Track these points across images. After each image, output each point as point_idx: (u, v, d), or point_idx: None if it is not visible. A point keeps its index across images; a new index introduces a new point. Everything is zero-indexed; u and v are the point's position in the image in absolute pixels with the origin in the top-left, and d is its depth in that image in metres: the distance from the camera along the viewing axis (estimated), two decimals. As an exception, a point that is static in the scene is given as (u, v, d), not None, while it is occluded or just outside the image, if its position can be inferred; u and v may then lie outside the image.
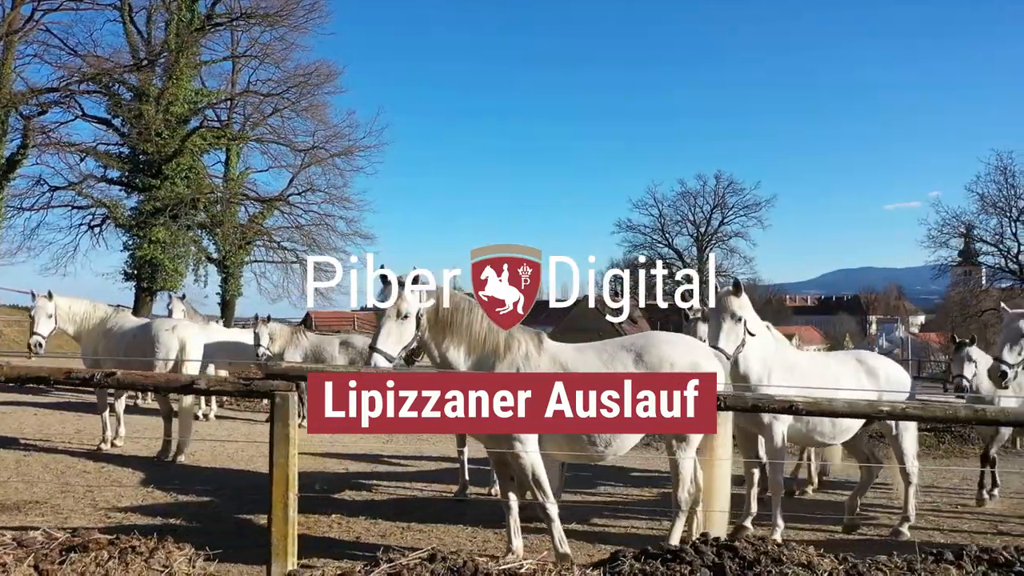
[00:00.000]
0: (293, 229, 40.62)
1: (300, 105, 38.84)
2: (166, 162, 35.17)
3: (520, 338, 6.04)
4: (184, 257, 37.14)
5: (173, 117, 35.22)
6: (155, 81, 35.54)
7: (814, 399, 5.20)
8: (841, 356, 8.21)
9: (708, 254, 75.37)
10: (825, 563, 3.84)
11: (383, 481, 9.46)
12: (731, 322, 6.76)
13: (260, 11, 36.88)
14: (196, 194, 35.57)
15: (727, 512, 6.25)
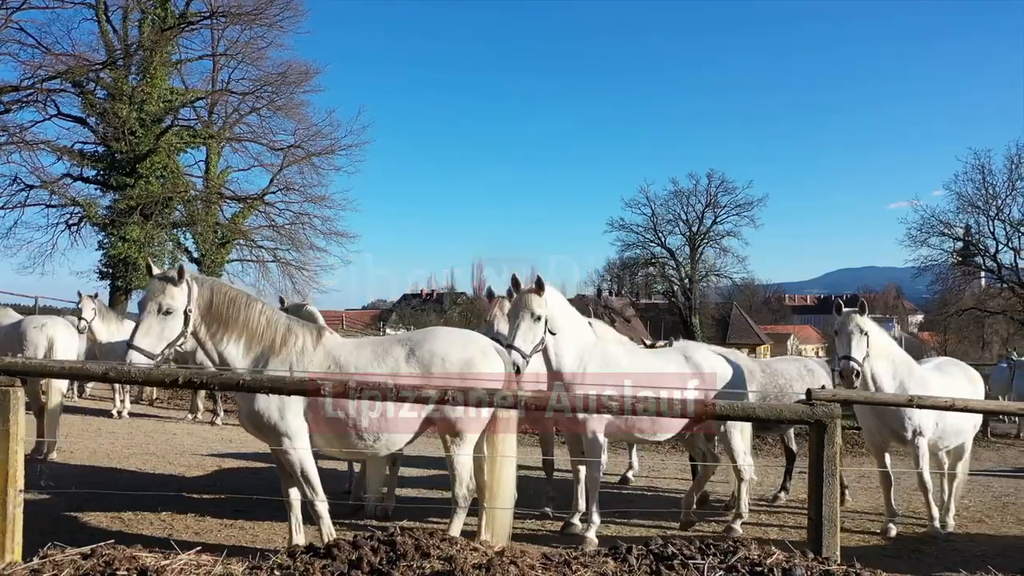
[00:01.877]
0: (271, 228, 40.87)
1: (276, 104, 39.06)
2: (140, 161, 35.23)
3: (298, 332, 6.03)
4: (159, 256, 37.33)
5: (147, 116, 35.31)
6: (130, 80, 35.68)
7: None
8: (668, 352, 8.17)
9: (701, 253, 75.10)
10: (474, 556, 3.82)
11: (249, 481, 9.48)
12: (530, 321, 6.69)
13: (234, 10, 37.03)
14: (169, 193, 35.70)
15: (511, 510, 6.24)
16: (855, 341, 7.55)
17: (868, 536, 8.21)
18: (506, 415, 6.06)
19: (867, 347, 7.60)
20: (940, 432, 8.09)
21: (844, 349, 7.58)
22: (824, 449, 4.97)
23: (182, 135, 37.57)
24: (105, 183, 36.38)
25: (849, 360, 7.50)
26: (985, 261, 41.33)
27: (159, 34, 35.50)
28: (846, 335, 7.58)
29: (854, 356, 7.51)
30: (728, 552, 4.09)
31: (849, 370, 7.48)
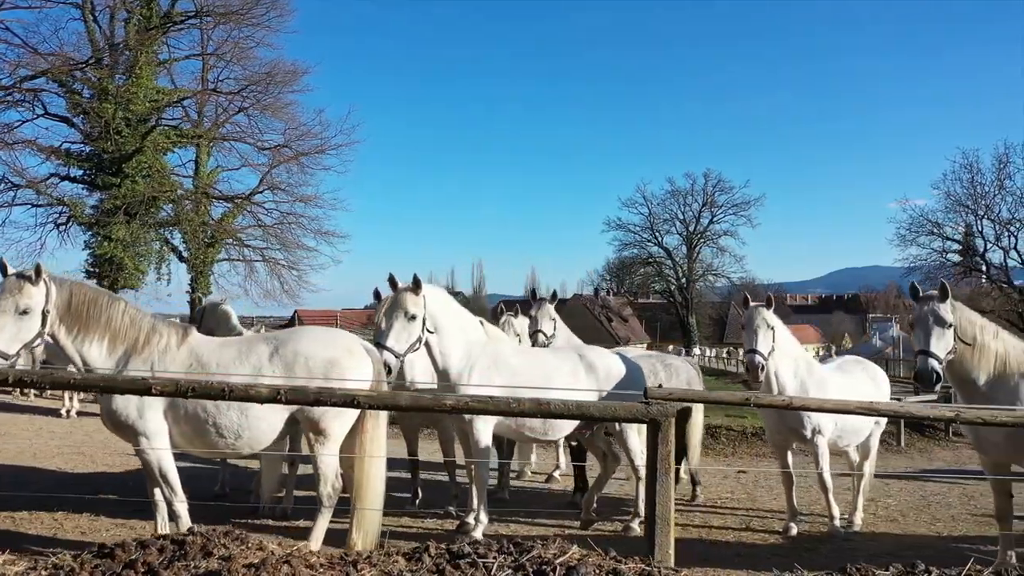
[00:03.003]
0: (260, 228, 40.96)
1: (263, 104, 39.14)
2: (126, 160, 35.36)
3: (163, 332, 6.03)
4: (146, 256, 37.48)
5: (133, 115, 35.41)
6: (116, 79, 35.79)
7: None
8: (563, 352, 8.15)
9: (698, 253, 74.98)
10: (252, 555, 3.82)
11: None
12: (404, 320, 6.65)
13: (220, 9, 37.14)
14: (154, 192, 35.81)
15: (380, 510, 6.24)
16: (761, 335, 7.51)
17: (770, 535, 8.19)
18: (374, 415, 6.06)
19: (773, 342, 7.58)
20: (840, 431, 8.06)
21: (750, 343, 7.54)
22: (659, 448, 4.97)
23: (169, 135, 37.70)
24: (91, 183, 36.50)
25: (755, 353, 7.46)
26: (974, 260, 41.12)
27: (144, 33, 35.61)
28: (753, 329, 7.54)
29: (759, 350, 7.47)
30: (524, 551, 4.09)
31: (755, 364, 7.44)
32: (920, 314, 6.33)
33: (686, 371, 9.42)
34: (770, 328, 7.58)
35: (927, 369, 6.10)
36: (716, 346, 76.55)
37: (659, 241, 74.77)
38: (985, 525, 8.92)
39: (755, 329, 7.52)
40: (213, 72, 39.72)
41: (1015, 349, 6.48)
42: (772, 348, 7.57)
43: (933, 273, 41.16)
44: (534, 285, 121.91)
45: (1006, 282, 40.33)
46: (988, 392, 6.34)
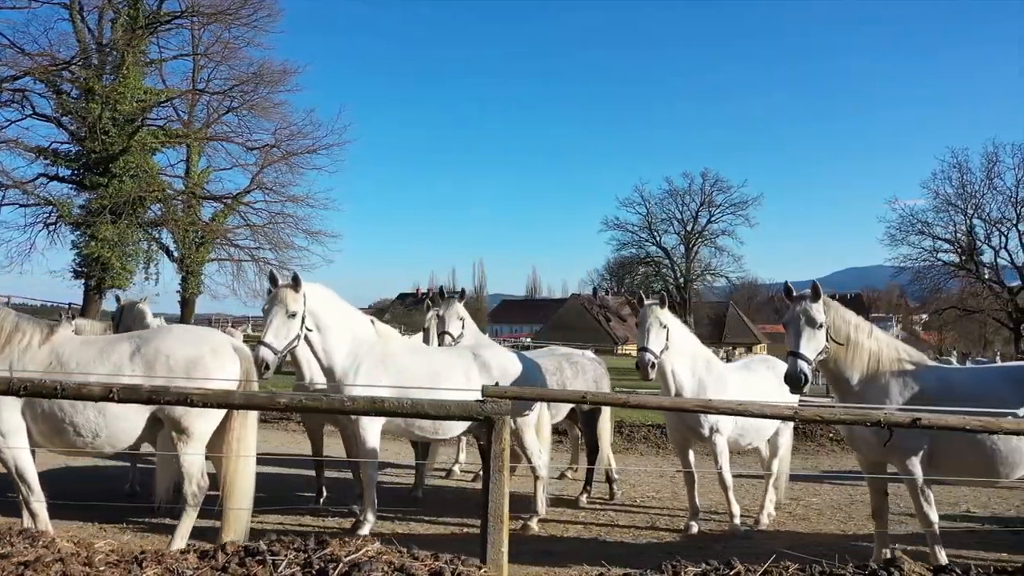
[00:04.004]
0: (250, 228, 41.10)
1: (250, 104, 39.29)
2: (113, 160, 35.53)
3: (26, 330, 6.05)
4: (134, 255, 37.63)
5: (120, 115, 35.53)
6: (104, 79, 35.91)
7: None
8: (457, 351, 8.14)
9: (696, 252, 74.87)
10: (30, 552, 3.85)
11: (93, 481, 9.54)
12: (283, 317, 6.64)
13: (207, 9, 37.25)
14: (140, 192, 35.94)
15: (250, 509, 6.25)
16: (653, 334, 7.50)
17: (670, 533, 8.18)
18: (242, 415, 6.08)
19: (666, 340, 7.57)
20: (740, 430, 8.04)
21: (641, 341, 7.54)
22: (492, 446, 4.96)
23: (157, 135, 37.85)
24: (79, 183, 36.66)
25: (646, 352, 7.46)
26: (963, 259, 40.97)
27: (131, 33, 35.75)
28: (645, 328, 7.53)
29: (651, 348, 7.45)
30: (318, 549, 4.10)
31: (644, 362, 7.42)
32: (792, 315, 6.30)
33: (593, 369, 9.40)
34: (663, 327, 7.57)
35: (795, 371, 6.06)
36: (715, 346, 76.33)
37: (657, 241, 74.72)
38: (898, 524, 8.89)
39: (647, 327, 7.51)
40: (203, 72, 39.99)
41: (889, 348, 6.46)
42: (665, 346, 7.56)
43: (923, 273, 41.10)
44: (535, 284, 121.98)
45: (996, 281, 40.14)
46: (860, 391, 6.33)
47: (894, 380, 6.32)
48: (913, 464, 6.21)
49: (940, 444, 6.21)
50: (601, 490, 9.81)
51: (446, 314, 9.19)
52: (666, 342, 7.57)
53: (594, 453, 9.39)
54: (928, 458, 6.30)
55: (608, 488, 9.77)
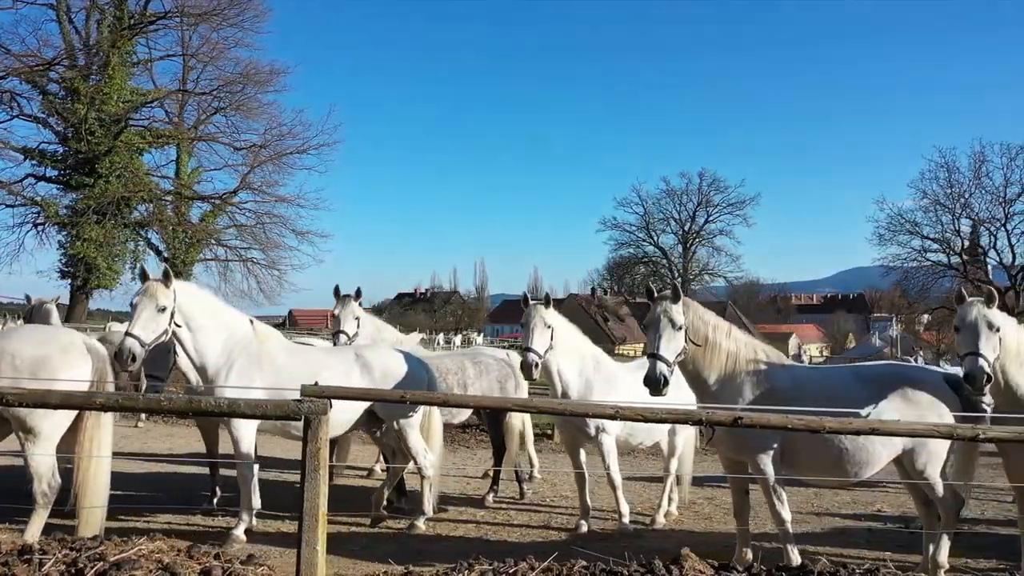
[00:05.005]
0: (237, 228, 41.28)
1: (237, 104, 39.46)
2: (99, 160, 35.73)
3: None
4: (121, 255, 37.81)
5: (106, 116, 35.68)
6: (91, 79, 36.08)
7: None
8: (339, 351, 8.15)
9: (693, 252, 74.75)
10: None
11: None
12: (153, 311, 6.56)
13: (193, 9, 37.41)
14: (125, 192, 36.12)
15: (104, 507, 6.28)
16: (537, 334, 7.47)
17: (557, 532, 8.18)
18: (94, 415, 6.10)
19: (551, 340, 7.55)
20: (630, 429, 8.03)
21: (525, 341, 7.53)
22: (308, 445, 4.98)
23: (144, 135, 38.03)
24: (66, 183, 36.87)
25: (529, 351, 7.43)
26: (950, 258, 40.79)
27: (116, 34, 35.94)
28: (529, 328, 7.52)
29: (534, 348, 7.42)
30: (88, 548, 4.12)
31: (528, 362, 7.40)
32: (652, 316, 6.27)
33: (498, 369, 9.38)
34: (548, 327, 7.56)
35: (654, 374, 6.00)
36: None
37: (655, 241, 74.72)
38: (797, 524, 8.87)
39: (531, 327, 7.50)
40: (192, 73, 40.18)
41: (746, 348, 6.45)
42: (550, 346, 7.55)
43: (912, 273, 40.92)
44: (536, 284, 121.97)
45: (985, 281, 39.91)
46: (717, 391, 6.32)
47: (748, 380, 6.32)
48: (764, 463, 6.21)
49: (792, 444, 6.21)
50: (513, 489, 9.83)
51: (341, 313, 9.19)
52: (551, 342, 7.55)
53: (500, 453, 9.38)
54: (781, 457, 6.30)
55: (519, 488, 9.76)
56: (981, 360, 5.77)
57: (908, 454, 6.21)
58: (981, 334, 5.85)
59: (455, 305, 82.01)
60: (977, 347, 5.82)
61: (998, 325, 5.93)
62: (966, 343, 5.92)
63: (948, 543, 6.36)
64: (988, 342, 5.85)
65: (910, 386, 6.28)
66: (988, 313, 5.95)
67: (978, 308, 5.97)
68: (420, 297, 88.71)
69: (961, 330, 6.00)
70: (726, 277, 76.06)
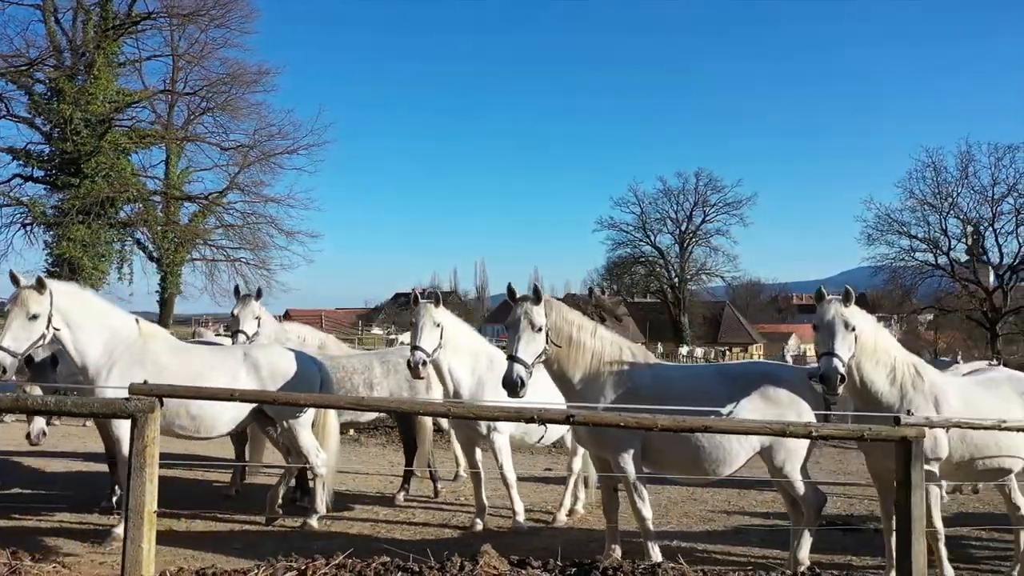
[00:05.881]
0: (225, 228, 41.41)
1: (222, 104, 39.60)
2: (85, 160, 35.85)
3: None
4: (107, 256, 37.94)
5: (92, 116, 35.79)
6: (77, 80, 36.21)
7: None
8: (226, 350, 8.16)
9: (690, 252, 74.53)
10: None
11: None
12: (23, 320, 6.50)
13: (176, 10, 37.54)
14: (111, 192, 36.24)
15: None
16: (426, 332, 7.47)
17: (453, 530, 8.19)
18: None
19: (440, 338, 7.56)
20: (525, 428, 8.04)
21: (414, 339, 7.53)
22: (135, 443, 5.02)
23: (131, 135, 38.16)
24: (52, 183, 37.03)
25: (416, 350, 7.43)
26: (937, 258, 40.63)
27: (101, 35, 36.09)
28: (417, 327, 7.53)
29: (422, 346, 7.43)
30: None
31: (415, 360, 7.40)
32: (512, 318, 6.28)
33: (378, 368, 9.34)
34: (437, 325, 7.56)
35: (511, 376, 6.00)
36: (710, 346, 76.03)
37: (651, 241, 74.46)
38: (709, 522, 8.90)
39: (419, 326, 7.51)
40: (182, 73, 40.33)
41: (612, 347, 6.46)
42: (439, 344, 7.55)
43: (899, 272, 40.78)
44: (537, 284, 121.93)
45: (973, 280, 39.75)
46: (581, 390, 6.34)
47: (611, 378, 6.33)
48: (625, 461, 6.22)
49: (653, 442, 6.22)
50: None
51: (241, 313, 9.18)
52: (440, 340, 7.56)
53: (412, 452, 9.39)
54: (644, 455, 6.31)
55: (433, 487, 9.78)
56: (835, 360, 5.79)
57: (767, 452, 6.21)
58: (837, 333, 5.86)
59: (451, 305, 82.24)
60: (832, 347, 5.83)
61: (854, 324, 5.94)
62: (823, 342, 5.94)
63: (809, 540, 6.38)
64: (844, 341, 5.86)
65: (772, 384, 6.28)
66: (845, 312, 5.95)
67: (835, 307, 5.98)
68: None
69: (819, 329, 6.01)
70: (723, 277, 75.74)
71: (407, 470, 9.45)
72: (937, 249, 40.17)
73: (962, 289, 40.09)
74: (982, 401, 6.18)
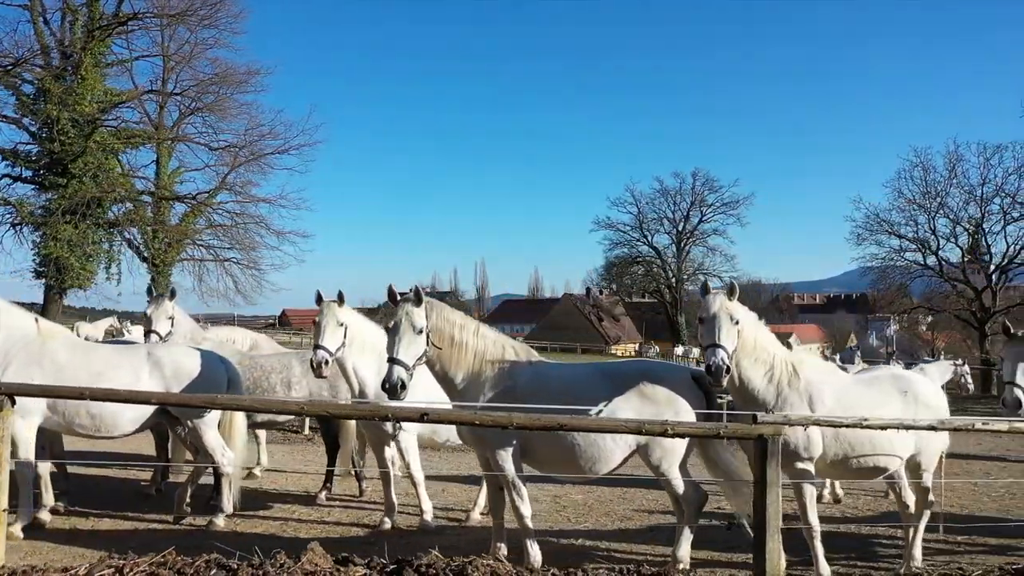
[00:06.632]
0: (215, 228, 41.51)
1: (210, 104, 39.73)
2: (73, 161, 35.97)
3: None
4: (95, 256, 38.04)
5: (80, 116, 35.89)
6: (66, 79, 36.31)
7: None
8: (129, 350, 8.15)
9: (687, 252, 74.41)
10: None
11: None
12: None
13: (164, 10, 37.65)
14: (97, 192, 36.34)
15: None
16: (329, 331, 7.48)
17: (361, 528, 8.19)
18: None
19: (344, 337, 7.56)
20: (433, 428, 8.02)
21: (316, 338, 7.55)
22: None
23: (119, 135, 38.28)
24: (40, 183, 37.16)
25: (318, 349, 7.43)
26: (926, 258, 40.46)
27: (88, 35, 36.22)
28: (320, 326, 7.54)
29: (324, 345, 7.42)
30: None
31: (316, 359, 7.40)
32: (394, 321, 6.27)
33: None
34: (341, 324, 7.57)
35: (392, 379, 5.96)
36: (707, 346, 75.79)
37: (648, 241, 74.38)
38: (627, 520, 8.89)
39: (323, 325, 7.53)
40: (173, 73, 40.49)
41: (495, 345, 6.45)
42: (343, 344, 7.56)
43: (887, 272, 40.64)
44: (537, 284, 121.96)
45: (962, 280, 39.59)
46: (463, 390, 6.33)
47: (492, 377, 6.32)
48: (503, 459, 6.20)
49: (530, 441, 6.21)
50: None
51: (153, 313, 9.15)
52: (344, 339, 7.56)
53: (334, 451, 9.40)
54: (523, 454, 6.31)
55: (358, 486, 9.78)
56: (721, 352, 5.79)
57: (643, 450, 6.19)
58: (723, 327, 5.87)
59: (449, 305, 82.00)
60: (718, 339, 5.83)
61: (738, 318, 5.94)
62: (707, 335, 5.94)
63: (689, 538, 6.36)
64: (728, 335, 5.87)
65: (650, 383, 6.26)
66: (730, 306, 5.97)
67: (721, 300, 5.98)
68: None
69: (704, 321, 6.01)
70: (721, 277, 75.49)
71: (329, 469, 9.46)
72: (926, 249, 40.01)
73: (951, 289, 39.92)
74: (859, 399, 6.16)
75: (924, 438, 6.28)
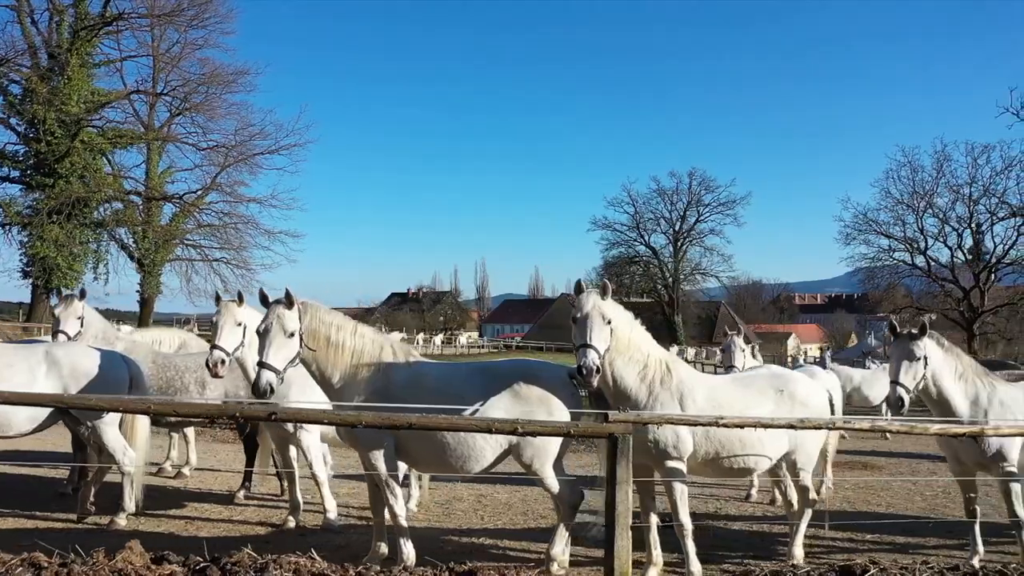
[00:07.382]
0: (204, 228, 41.60)
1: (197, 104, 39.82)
2: (59, 161, 36.06)
3: None
4: (82, 256, 38.12)
5: (67, 116, 35.96)
6: (55, 80, 36.41)
7: None
8: (25, 349, 8.05)
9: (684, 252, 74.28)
10: None
11: None
12: None
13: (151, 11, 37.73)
14: (83, 192, 36.42)
15: None
16: (227, 331, 7.24)
17: (263, 527, 8.15)
18: None
19: (243, 337, 7.42)
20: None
21: (213, 338, 7.39)
22: None
23: (106, 135, 38.37)
24: (28, 183, 37.27)
25: (215, 348, 7.21)
26: (915, 258, 40.26)
27: (74, 35, 36.32)
28: (218, 325, 7.34)
29: (221, 345, 7.24)
30: None
31: (214, 359, 7.19)
32: (265, 324, 6.18)
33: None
34: (239, 324, 7.39)
35: (260, 383, 5.89)
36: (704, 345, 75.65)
37: (645, 240, 74.28)
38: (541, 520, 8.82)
39: (220, 325, 7.35)
40: (163, 74, 40.59)
41: (373, 345, 6.40)
42: (241, 344, 7.45)
43: (876, 272, 40.47)
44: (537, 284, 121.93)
45: (951, 280, 39.38)
46: (341, 389, 6.26)
47: (369, 376, 6.26)
48: (376, 458, 6.15)
49: (403, 439, 6.16)
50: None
51: (62, 313, 9.05)
52: (243, 339, 7.46)
53: (253, 450, 9.37)
54: (399, 453, 6.27)
55: (279, 485, 9.73)
56: (592, 353, 5.71)
57: (515, 449, 6.13)
58: (595, 326, 5.78)
59: (445, 305, 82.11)
60: (589, 339, 5.75)
61: (610, 318, 5.87)
62: (579, 335, 5.84)
63: (564, 536, 6.31)
64: (600, 334, 5.79)
65: (525, 381, 6.20)
66: (602, 305, 5.88)
67: (594, 299, 5.89)
68: (411, 297, 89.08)
69: (577, 321, 5.92)
70: (719, 277, 75.45)
71: (248, 469, 9.42)
72: (915, 249, 39.81)
73: (940, 289, 39.74)
74: (731, 398, 6.10)
75: (798, 437, 6.22)
